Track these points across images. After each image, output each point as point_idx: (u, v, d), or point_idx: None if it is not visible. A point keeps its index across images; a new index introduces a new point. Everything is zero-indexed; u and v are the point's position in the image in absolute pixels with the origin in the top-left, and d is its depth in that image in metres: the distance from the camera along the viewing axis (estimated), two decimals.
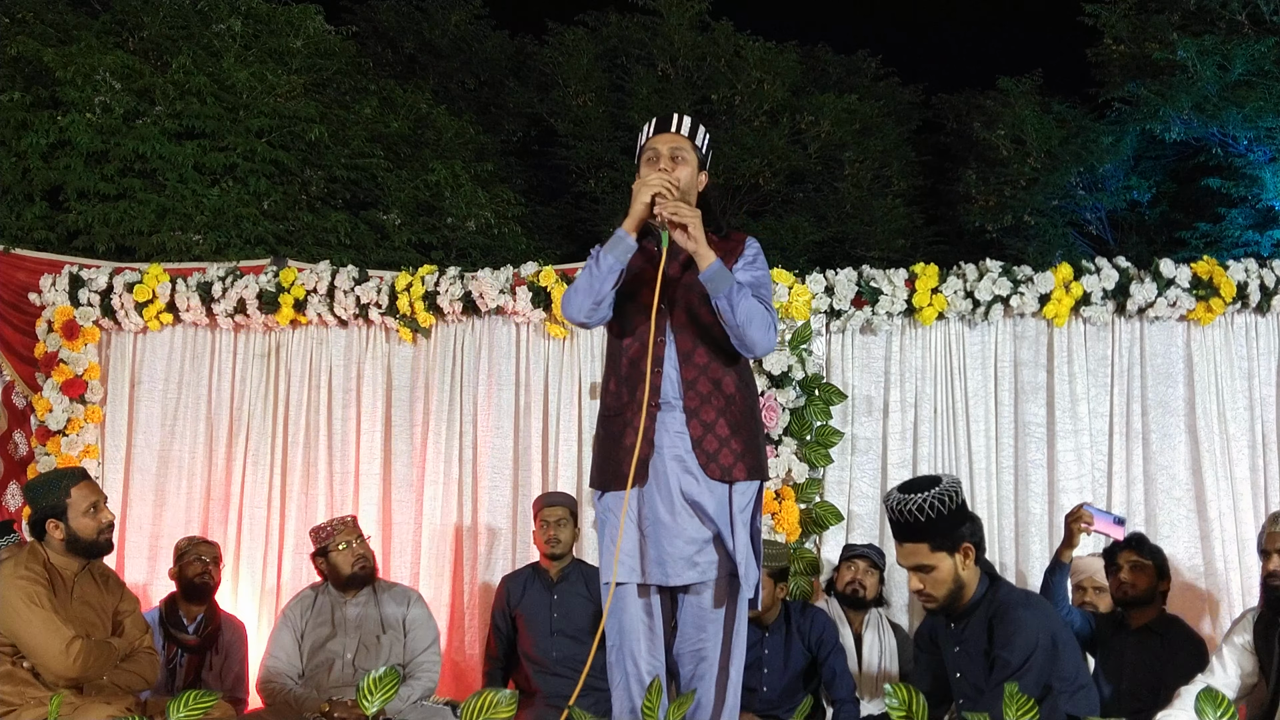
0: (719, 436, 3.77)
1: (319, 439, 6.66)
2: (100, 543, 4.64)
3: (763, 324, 3.76)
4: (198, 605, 5.84)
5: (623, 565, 3.77)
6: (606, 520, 3.85)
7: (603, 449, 3.90)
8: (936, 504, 3.90)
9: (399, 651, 5.57)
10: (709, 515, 3.74)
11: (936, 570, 3.97)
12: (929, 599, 4.04)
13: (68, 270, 6.75)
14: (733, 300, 3.70)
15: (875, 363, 6.40)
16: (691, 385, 3.78)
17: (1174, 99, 14.19)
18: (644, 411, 3.75)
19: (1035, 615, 3.92)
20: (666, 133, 3.89)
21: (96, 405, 6.64)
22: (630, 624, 3.80)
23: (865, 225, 16.45)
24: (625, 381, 3.84)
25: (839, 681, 5.32)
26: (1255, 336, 6.34)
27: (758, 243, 3.99)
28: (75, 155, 10.60)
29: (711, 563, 3.76)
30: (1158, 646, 5.06)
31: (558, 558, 5.76)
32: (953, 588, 3.98)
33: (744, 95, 16.45)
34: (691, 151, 3.87)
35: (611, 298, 3.74)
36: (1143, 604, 5.14)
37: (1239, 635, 4.46)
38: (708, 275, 3.70)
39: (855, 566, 5.73)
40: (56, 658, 4.33)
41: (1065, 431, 6.24)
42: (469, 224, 13.00)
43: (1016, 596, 4.01)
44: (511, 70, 17.74)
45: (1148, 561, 5.17)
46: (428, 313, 6.48)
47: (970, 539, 3.97)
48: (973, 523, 4.03)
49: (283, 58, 12.24)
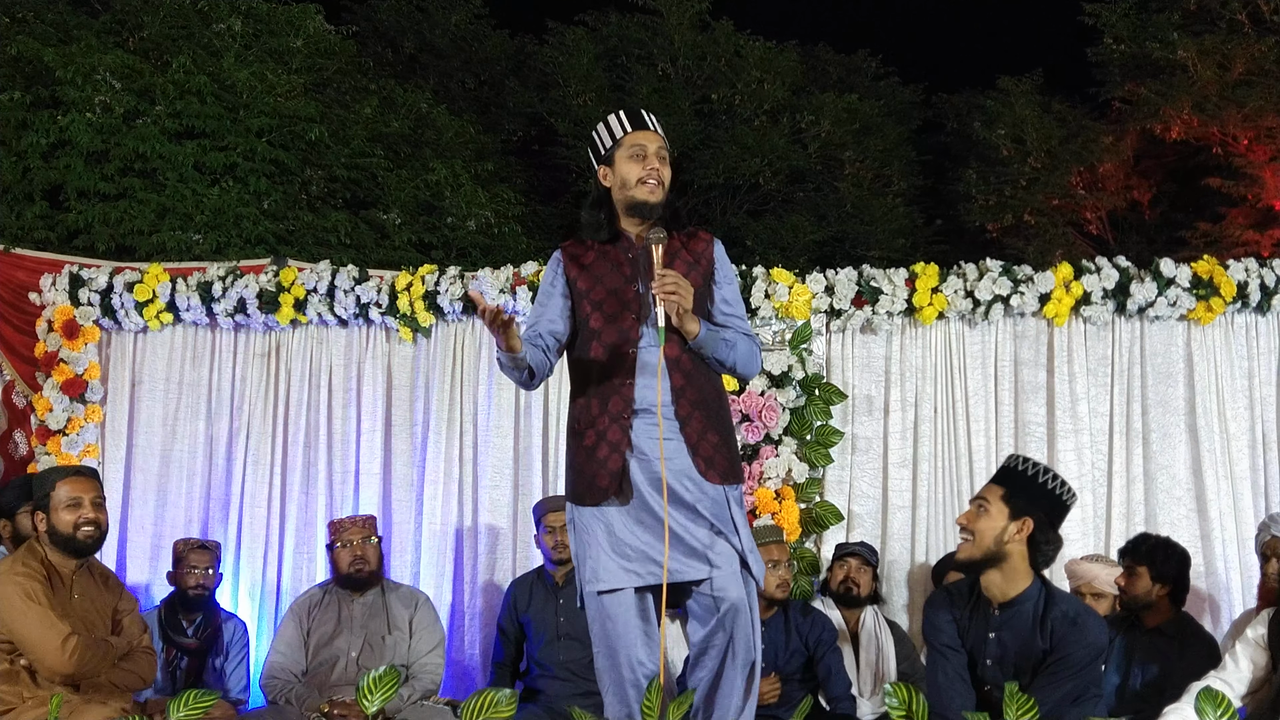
0: (712, 442, 3.79)
1: (319, 439, 6.65)
2: (78, 539, 4.55)
3: (749, 360, 3.89)
4: (195, 612, 5.85)
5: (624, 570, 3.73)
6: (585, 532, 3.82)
7: (573, 463, 3.89)
8: (1042, 474, 4.02)
9: (403, 652, 5.58)
10: (710, 514, 3.75)
11: (988, 514, 4.00)
12: (967, 536, 4.05)
13: (68, 270, 6.74)
14: (723, 357, 3.81)
15: (875, 362, 6.39)
16: (680, 394, 3.77)
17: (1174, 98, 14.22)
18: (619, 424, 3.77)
19: (1099, 623, 4.02)
20: (646, 130, 3.87)
21: (97, 405, 6.64)
22: (626, 630, 3.77)
23: (865, 225, 16.46)
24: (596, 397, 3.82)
25: (835, 679, 5.33)
26: (1255, 336, 6.34)
27: (720, 242, 4.01)
28: (75, 155, 10.59)
29: (721, 554, 3.75)
30: (1167, 646, 5.08)
31: (564, 562, 5.71)
32: (991, 547, 3.98)
33: (744, 95, 16.47)
34: (667, 151, 3.90)
35: (539, 371, 3.80)
36: (1144, 608, 5.17)
37: (1253, 630, 4.46)
38: (697, 344, 3.77)
39: (848, 564, 5.75)
40: (53, 654, 4.32)
41: (1065, 431, 6.24)
42: (469, 223, 12.99)
43: (1079, 604, 4.11)
44: (512, 70, 17.74)
45: (1141, 565, 5.20)
46: (428, 312, 6.47)
47: (1038, 525, 3.97)
48: (1052, 525, 4.03)
49: (283, 57, 12.23)
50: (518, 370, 3.73)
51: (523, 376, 3.77)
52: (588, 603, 3.82)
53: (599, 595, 3.76)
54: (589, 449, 3.80)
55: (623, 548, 3.73)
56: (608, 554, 3.75)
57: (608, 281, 3.84)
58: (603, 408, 3.79)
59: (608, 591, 3.75)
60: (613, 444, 3.75)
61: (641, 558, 3.73)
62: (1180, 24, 14.49)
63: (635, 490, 3.74)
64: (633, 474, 3.75)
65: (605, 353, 3.81)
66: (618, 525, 3.75)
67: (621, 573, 3.73)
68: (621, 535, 3.74)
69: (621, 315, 3.82)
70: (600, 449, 3.77)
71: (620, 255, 3.86)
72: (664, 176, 3.81)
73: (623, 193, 3.85)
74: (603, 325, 3.83)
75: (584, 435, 3.82)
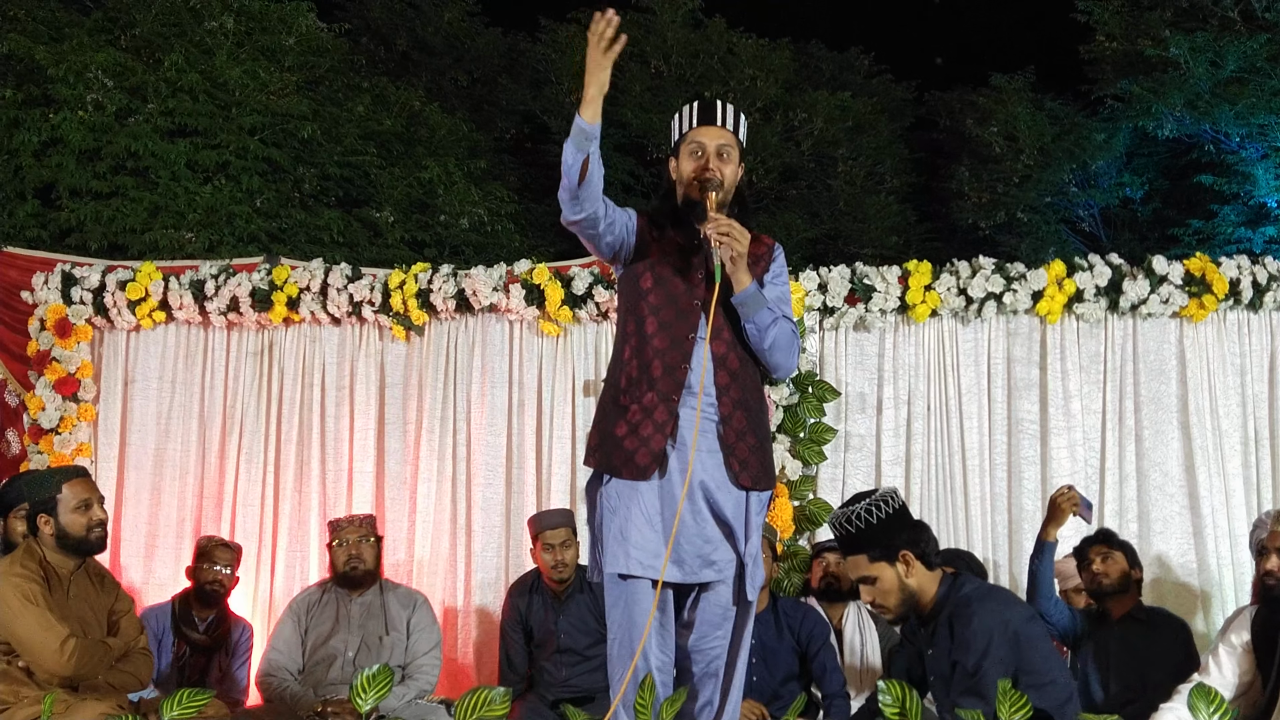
0: (749, 445, 3.72)
1: (312, 437, 6.65)
2: (90, 540, 4.61)
3: (788, 349, 3.75)
4: (209, 609, 5.86)
5: (638, 561, 3.65)
6: (616, 509, 3.71)
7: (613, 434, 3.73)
8: (865, 515, 3.97)
9: (400, 653, 5.58)
10: (726, 518, 3.70)
11: (880, 581, 4.01)
12: (882, 609, 4.08)
13: (60, 268, 6.73)
14: (762, 325, 3.68)
15: (869, 360, 6.40)
16: (725, 391, 3.71)
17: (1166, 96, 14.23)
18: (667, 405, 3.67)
19: (989, 607, 3.91)
20: (712, 125, 3.78)
21: (89, 403, 6.63)
22: (641, 619, 3.68)
23: (858, 222, 16.46)
24: (646, 371, 3.71)
25: (829, 677, 5.30)
26: (1248, 333, 6.35)
27: (781, 249, 3.94)
28: (67, 153, 10.57)
29: (728, 561, 3.72)
30: (1141, 633, 5.12)
31: (564, 581, 5.66)
32: (902, 597, 4.01)
33: (737, 92, 16.43)
34: (736, 148, 3.79)
35: (592, 188, 3.55)
36: (1119, 592, 5.19)
37: (1236, 635, 4.47)
38: (741, 299, 3.65)
39: (825, 560, 5.77)
40: (51, 656, 4.32)
41: (1058, 428, 6.25)
42: (462, 221, 12.97)
43: (973, 591, 4.00)
44: (504, 67, 17.70)
45: (1117, 551, 5.24)
46: (421, 310, 6.47)
47: (910, 547, 3.99)
48: (914, 530, 4.05)
49: (275, 55, 12.19)
50: (578, 152, 3.47)
51: (575, 170, 3.50)
52: (607, 584, 3.73)
53: (619, 578, 3.69)
54: (633, 423, 3.69)
55: (645, 536, 3.66)
56: (631, 538, 3.66)
57: (670, 260, 3.77)
58: (652, 385, 3.69)
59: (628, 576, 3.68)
60: (659, 424, 3.66)
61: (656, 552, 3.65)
62: (1172, 21, 14.49)
63: (668, 478, 3.68)
64: (670, 460, 3.69)
65: (660, 331, 3.73)
66: (648, 509, 3.67)
67: (636, 562, 3.65)
68: (645, 521, 3.66)
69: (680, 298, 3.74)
70: (645, 426, 3.67)
71: (685, 242, 3.79)
72: (725, 175, 3.73)
73: (682, 189, 3.82)
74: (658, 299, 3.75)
75: (629, 409, 3.72)
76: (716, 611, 3.76)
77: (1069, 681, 4.06)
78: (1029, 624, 3.97)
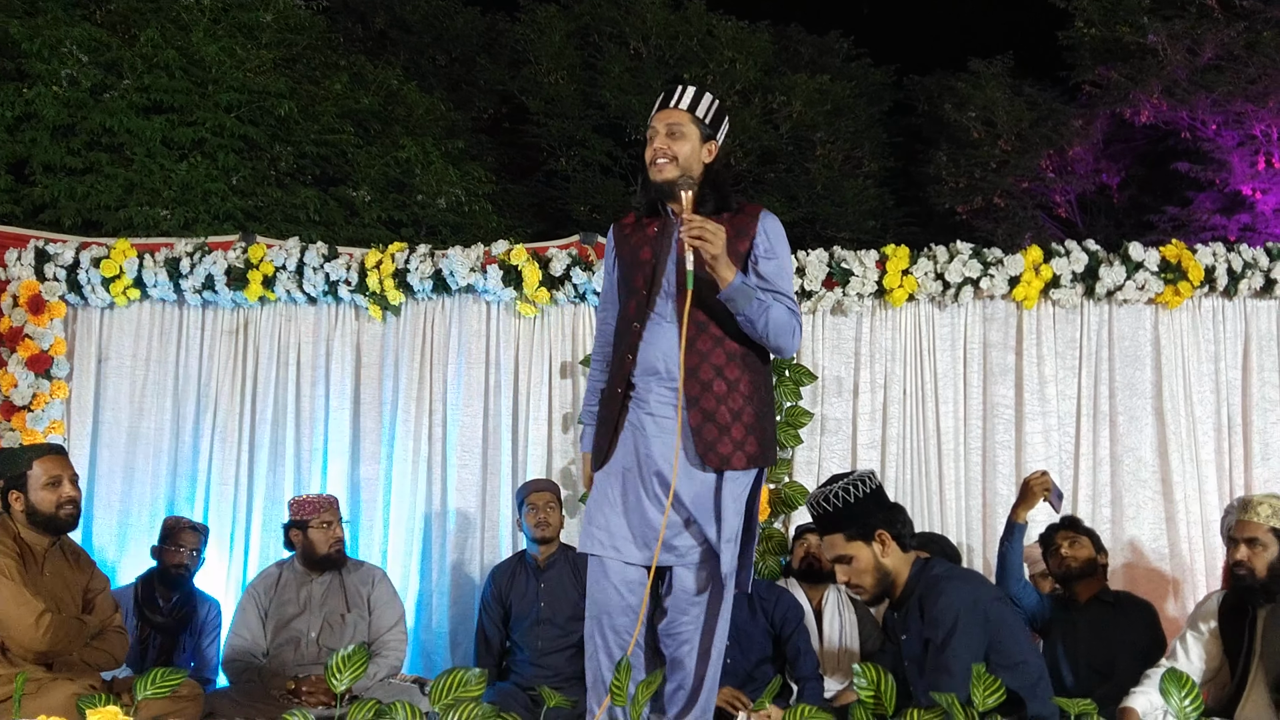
0: (719, 424, 3.74)
1: (287, 416, 6.62)
2: (60, 517, 4.59)
3: (784, 332, 3.77)
4: (173, 590, 5.83)
5: (598, 540, 3.80)
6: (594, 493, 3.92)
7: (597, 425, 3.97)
8: (843, 494, 4.00)
9: (364, 630, 5.56)
10: (684, 503, 3.73)
11: (855, 560, 4.05)
12: (857, 589, 4.11)
13: (33, 244, 6.67)
14: (754, 315, 3.69)
15: (845, 344, 6.42)
16: (693, 372, 3.74)
17: (1144, 83, 14.27)
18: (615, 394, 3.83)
19: (957, 586, 3.95)
20: (665, 109, 3.85)
21: (62, 381, 6.58)
22: (606, 597, 3.80)
23: (836, 206, 16.46)
24: (615, 360, 3.91)
25: (803, 660, 5.32)
26: (1222, 320, 6.39)
27: (774, 217, 3.92)
28: (41, 128, 10.47)
29: (690, 547, 3.76)
30: (1109, 616, 5.17)
31: (547, 541, 5.71)
32: (877, 577, 4.05)
33: (716, 75, 16.40)
34: (692, 124, 3.81)
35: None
36: (1086, 575, 5.24)
37: (1204, 621, 4.51)
38: (727, 295, 3.66)
39: (806, 541, 5.78)
40: (26, 631, 4.30)
41: (1033, 413, 6.28)
42: (439, 201, 12.92)
43: (942, 572, 4.05)
44: (483, 47, 17.63)
45: (1083, 536, 5.31)
46: (397, 290, 6.45)
47: (886, 526, 4.04)
48: (890, 511, 4.10)
49: (252, 32, 12.11)
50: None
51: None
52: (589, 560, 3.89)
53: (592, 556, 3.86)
54: (603, 415, 3.91)
55: (606, 518, 3.81)
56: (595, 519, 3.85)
57: (636, 254, 3.88)
58: (616, 372, 3.87)
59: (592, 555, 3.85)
60: (616, 411, 3.84)
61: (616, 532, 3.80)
62: (1150, 8, 14.52)
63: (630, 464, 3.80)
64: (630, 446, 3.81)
65: (623, 322, 3.89)
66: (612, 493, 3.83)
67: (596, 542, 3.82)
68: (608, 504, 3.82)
69: (636, 287, 3.85)
70: (603, 412, 3.91)
71: (650, 230, 3.88)
72: (676, 151, 3.78)
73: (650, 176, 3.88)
74: (626, 294, 3.91)
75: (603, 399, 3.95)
76: (682, 596, 3.80)
77: (1040, 662, 4.10)
78: (998, 604, 4.01)
